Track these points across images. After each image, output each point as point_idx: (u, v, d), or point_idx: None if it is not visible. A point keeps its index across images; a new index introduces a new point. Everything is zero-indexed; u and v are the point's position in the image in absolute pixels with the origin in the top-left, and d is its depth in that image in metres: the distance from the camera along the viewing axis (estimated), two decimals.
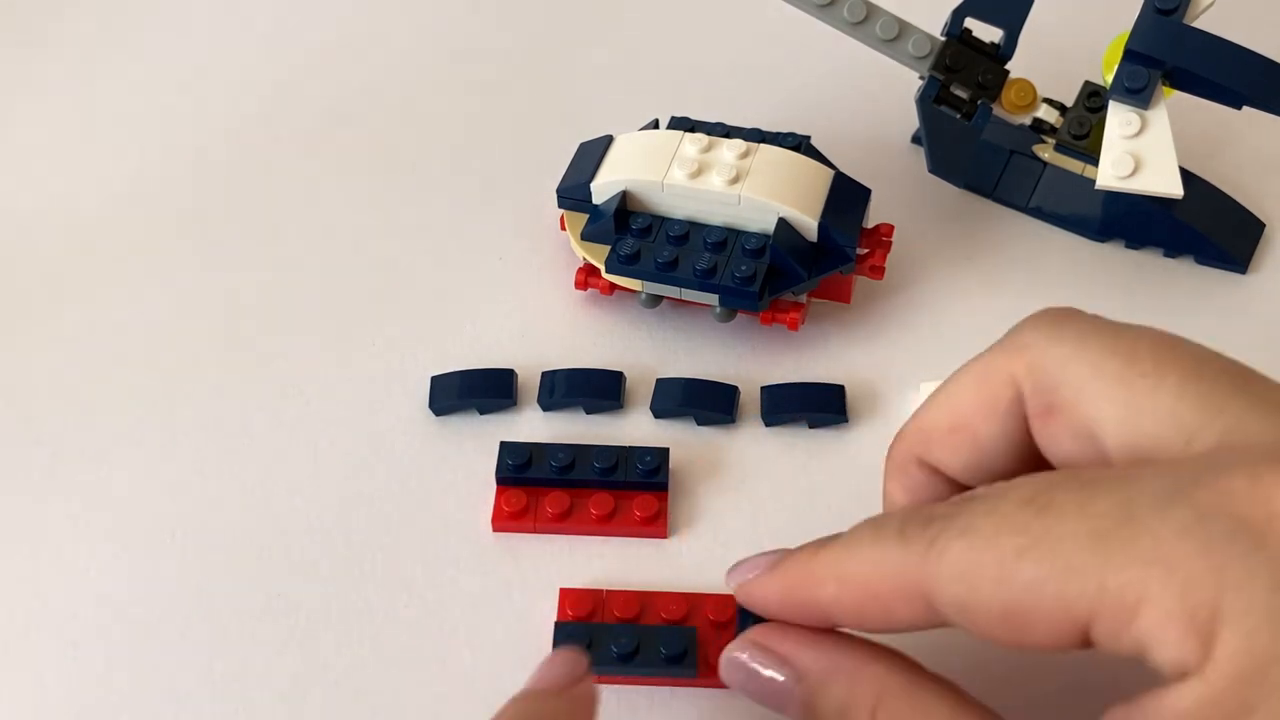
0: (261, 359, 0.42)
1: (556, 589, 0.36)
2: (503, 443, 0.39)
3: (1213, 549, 0.22)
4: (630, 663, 0.33)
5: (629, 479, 0.38)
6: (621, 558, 0.37)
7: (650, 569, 0.37)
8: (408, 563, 0.37)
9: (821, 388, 0.41)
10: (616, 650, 0.33)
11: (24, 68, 0.54)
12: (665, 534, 0.38)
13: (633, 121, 0.46)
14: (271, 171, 0.49)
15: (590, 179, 0.42)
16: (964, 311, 0.44)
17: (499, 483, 0.38)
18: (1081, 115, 0.44)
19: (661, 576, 0.37)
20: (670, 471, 0.38)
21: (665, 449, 0.38)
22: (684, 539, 0.38)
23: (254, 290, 0.45)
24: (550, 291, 0.44)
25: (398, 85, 0.53)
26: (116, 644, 0.35)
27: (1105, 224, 0.46)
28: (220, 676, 0.35)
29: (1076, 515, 0.24)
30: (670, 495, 0.38)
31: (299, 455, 0.40)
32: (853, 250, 0.41)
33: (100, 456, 0.40)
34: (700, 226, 0.41)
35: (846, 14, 0.42)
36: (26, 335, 0.43)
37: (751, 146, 0.42)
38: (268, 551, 0.37)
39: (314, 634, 0.35)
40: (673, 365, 0.42)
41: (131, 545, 0.37)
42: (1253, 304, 0.44)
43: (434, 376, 0.41)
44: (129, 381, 0.42)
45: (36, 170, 0.50)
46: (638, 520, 0.37)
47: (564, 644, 0.33)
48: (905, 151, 0.49)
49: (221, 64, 0.54)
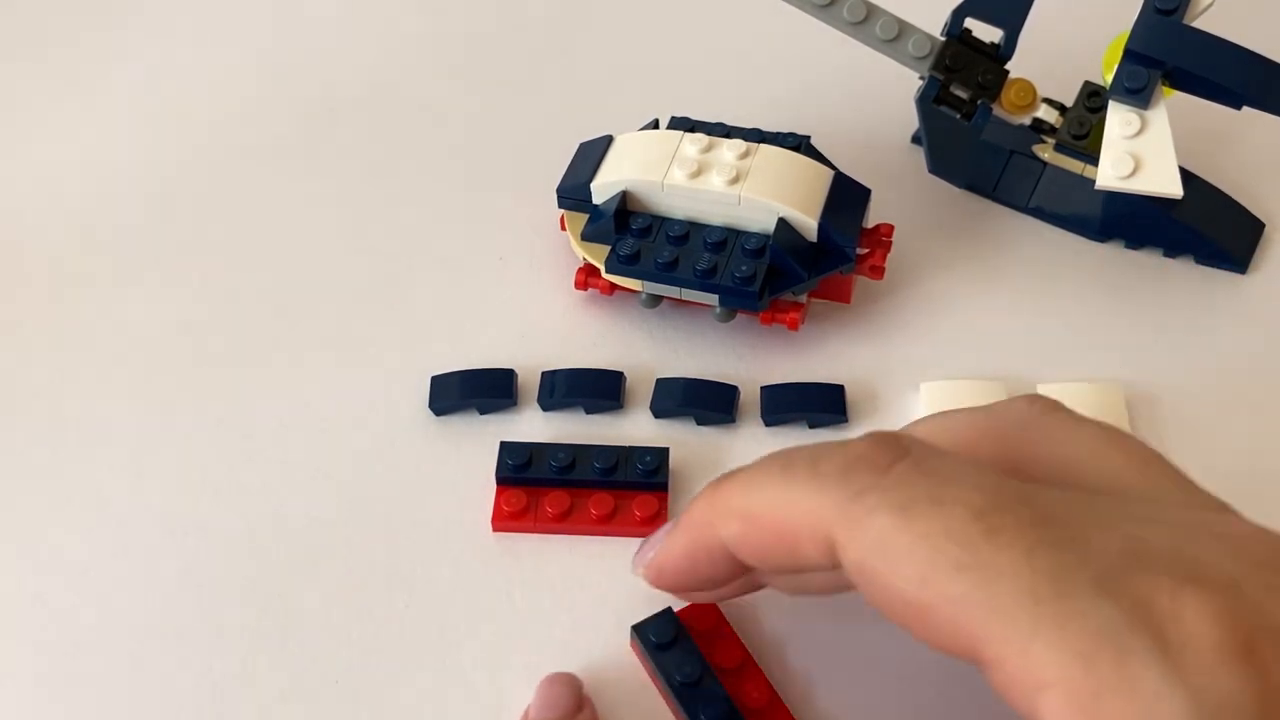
0: (261, 359, 0.42)
1: (555, 588, 0.36)
2: (503, 443, 0.39)
3: (1129, 662, 0.22)
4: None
5: (629, 479, 0.38)
6: (624, 558, 0.37)
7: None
8: (408, 563, 0.37)
9: (821, 388, 0.41)
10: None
11: (24, 67, 0.54)
12: None
13: (633, 121, 0.46)
14: (271, 172, 0.49)
15: (590, 179, 0.42)
16: (964, 311, 0.44)
17: (499, 483, 0.38)
18: (1081, 115, 0.44)
19: None
20: (670, 471, 0.38)
21: (665, 449, 0.38)
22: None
23: (254, 290, 0.45)
24: (550, 291, 0.44)
25: (398, 85, 0.53)
26: (116, 644, 0.35)
27: (1105, 224, 0.46)
28: (220, 676, 0.35)
29: (1023, 559, 0.24)
30: (670, 495, 0.38)
31: (299, 455, 0.40)
32: (853, 250, 0.41)
33: (100, 456, 0.40)
34: (700, 226, 0.41)
35: (846, 14, 0.42)
36: (26, 335, 0.43)
37: (751, 146, 0.42)
38: (268, 551, 0.37)
39: (314, 634, 0.35)
40: (673, 365, 0.42)
41: (131, 545, 0.37)
42: (1253, 304, 0.44)
43: (434, 376, 0.41)
44: (129, 381, 0.42)
45: (36, 170, 0.50)
46: (638, 520, 0.37)
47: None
48: (905, 151, 0.49)
49: (222, 64, 0.54)
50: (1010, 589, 0.23)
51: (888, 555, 0.25)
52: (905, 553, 0.25)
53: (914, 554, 0.24)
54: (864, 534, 0.25)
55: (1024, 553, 0.24)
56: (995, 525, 0.24)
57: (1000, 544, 0.24)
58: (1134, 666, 0.22)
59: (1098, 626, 0.23)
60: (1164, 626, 0.23)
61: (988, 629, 0.23)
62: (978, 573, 0.24)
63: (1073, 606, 0.23)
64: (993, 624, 0.23)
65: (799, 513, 0.26)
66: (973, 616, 0.24)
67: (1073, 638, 0.23)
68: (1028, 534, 0.24)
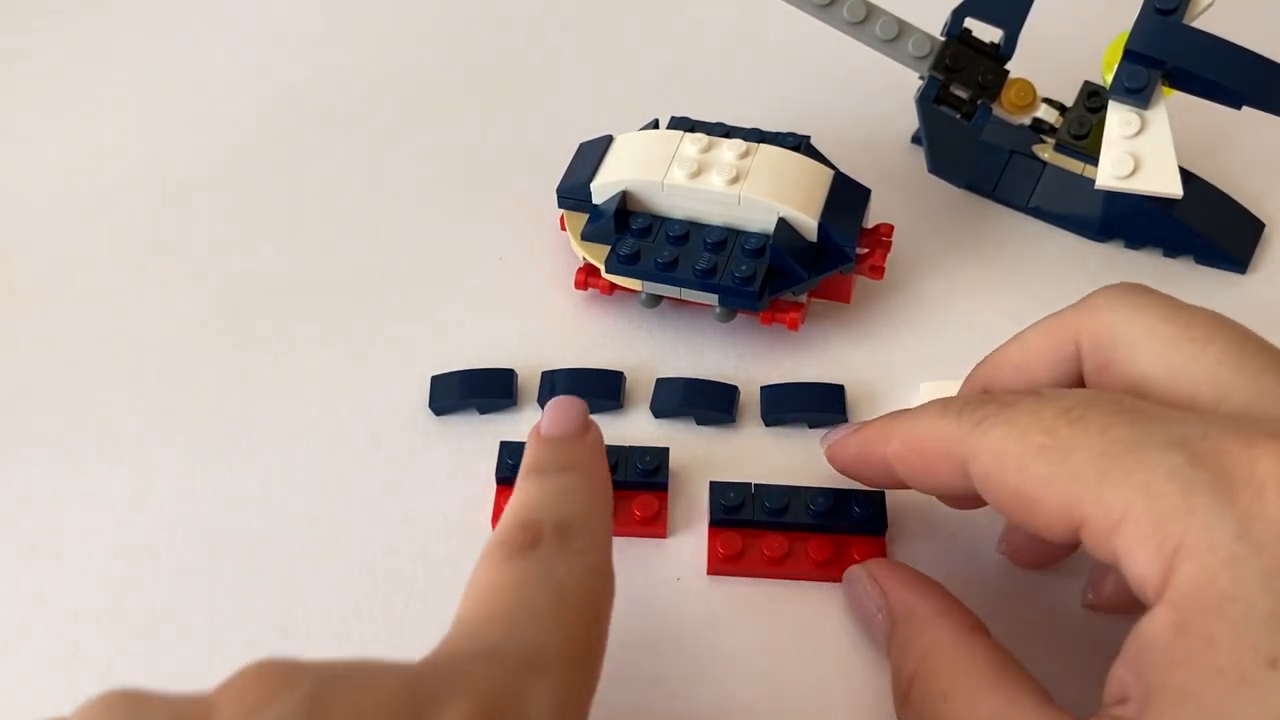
0: (261, 359, 0.42)
1: None
2: (503, 442, 0.39)
3: (1192, 493, 0.25)
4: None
5: (629, 479, 0.38)
6: (621, 558, 0.37)
7: (652, 568, 0.37)
8: (408, 562, 0.37)
9: (821, 388, 0.41)
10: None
11: (25, 66, 0.54)
12: (665, 534, 0.38)
13: (633, 121, 0.46)
14: (270, 172, 0.49)
15: (590, 179, 0.42)
16: (964, 311, 0.44)
17: (499, 483, 0.38)
18: (1081, 115, 0.44)
19: (661, 576, 0.37)
20: (670, 471, 0.38)
21: (665, 449, 0.38)
22: (684, 539, 0.38)
23: (254, 290, 0.45)
24: (550, 291, 0.44)
25: (398, 85, 0.53)
26: (116, 644, 0.35)
27: (1105, 224, 0.46)
28: (220, 676, 0.34)
29: (1097, 434, 0.27)
30: (670, 495, 0.38)
31: (299, 455, 0.40)
32: (853, 250, 0.41)
33: (100, 456, 0.40)
34: (700, 226, 0.41)
35: (846, 14, 0.42)
36: (26, 334, 0.43)
37: (751, 146, 0.42)
38: (268, 551, 0.37)
39: (314, 634, 0.35)
40: (673, 365, 0.42)
41: (131, 545, 0.37)
42: (1252, 304, 0.44)
43: (434, 376, 0.41)
44: (128, 382, 0.42)
45: (36, 167, 0.50)
46: (637, 520, 0.37)
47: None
48: (905, 151, 0.49)
49: (221, 64, 0.54)
50: (1085, 457, 0.27)
51: (998, 459, 0.29)
52: (1005, 453, 0.28)
53: (1011, 450, 0.28)
54: (984, 449, 0.29)
55: (1099, 430, 0.27)
56: (1079, 416, 0.28)
57: (1079, 427, 0.27)
58: (1194, 496, 0.25)
59: (1165, 469, 0.26)
60: (1231, 469, 0.25)
61: (1069, 495, 0.27)
62: (1057, 451, 0.27)
63: (1141, 457, 0.26)
64: (1072, 489, 0.27)
65: (938, 438, 0.31)
66: (1060, 489, 0.27)
67: (1138, 477, 0.26)
68: (1106, 418, 0.27)
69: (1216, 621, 0.24)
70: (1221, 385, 0.29)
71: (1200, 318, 0.30)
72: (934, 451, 0.31)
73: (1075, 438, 0.27)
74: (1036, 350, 0.33)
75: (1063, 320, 0.33)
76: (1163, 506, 0.25)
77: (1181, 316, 0.30)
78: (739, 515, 0.37)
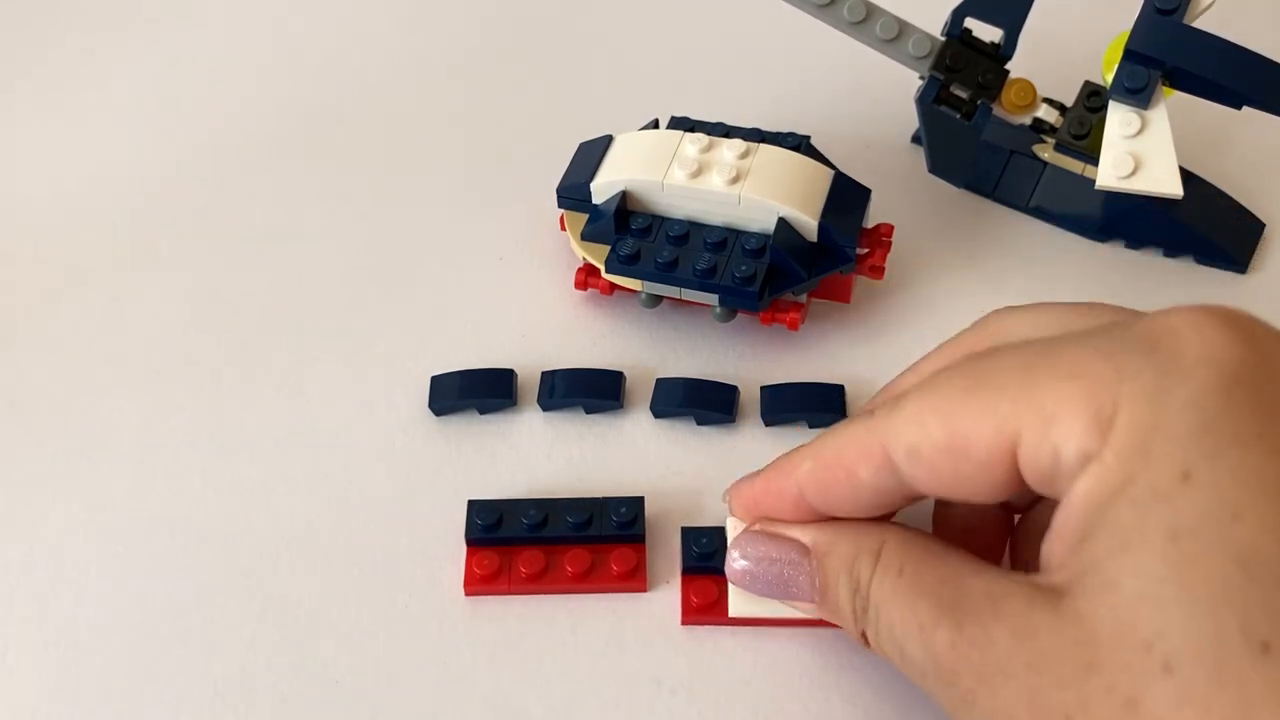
0: (262, 359, 0.42)
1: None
2: (470, 501, 0.37)
3: (1115, 356, 0.26)
4: None
5: (604, 533, 0.36)
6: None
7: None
8: (408, 562, 0.37)
9: (821, 388, 0.41)
10: None
11: (25, 66, 0.54)
12: (645, 588, 0.36)
13: (633, 121, 0.46)
14: (270, 172, 0.49)
15: (590, 179, 0.42)
16: (964, 311, 0.43)
17: (469, 544, 0.37)
18: (1081, 115, 0.44)
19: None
20: (646, 522, 0.37)
21: (640, 498, 0.37)
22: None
23: (254, 291, 0.45)
24: (550, 291, 0.44)
25: (398, 86, 0.53)
26: (116, 644, 0.35)
27: (1105, 224, 0.46)
28: (220, 676, 0.35)
29: (1012, 355, 0.28)
30: (648, 546, 0.37)
31: (299, 455, 0.40)
32: (853, 250, 0.41)
33: (100, 456, 0.40)
34: (700, 226, 0.41)
35: (846, 14, 0.42)
36: (27, 335, 0.43)
37: (751, 146, 0.42)
38: (268, 552, 0.37)
39: (314, 634, 0.35)
40: (673, 365, 0.42)
41: (132, 545, 0.37)
42: (1252, 304, 0.43)
43: (434, 376, 0.41)
44: (129, 381, 0.42)
45: (37, 170, 0.50)
46: (615, 575, 0.36)
47: None
48: (905, 151, 0.49)
49: (221, 64, 0.54)
50: (1008, 375, 0.27)
51: (920, 421, 0.28)
52: (926, 410, 0.28)
53: (934, 405, 0.28)
54: (904, 420, 0.29)
55: (1013, 352, 0.28)
56: (989, 353, 0.28)
57: (992, 358, 0.28)
58: (1121, 360, 0.26)
59: (1088, 351, 0.26)
60: (1147, 328, 0.26)
61: (1000, 414, 0.27)
62: (978, 382, 0.28)
63: (1062, 353, 0.27)
64: (1003, 406, 0.27)
65: (853, 441, 0.30)
66: (990, 414, 0.27)
67: (1064, 366, 0.26)
68: (1016, 347, 0.28)
69: (1142, 459, 0.25)
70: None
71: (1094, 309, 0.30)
72: (851, 455, 0.30)
73: (991, 367, 0.28)
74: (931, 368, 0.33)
75: (958, 340, 0.33)
76: (1092, 376, 0.26)
77: (1071, 311, 0.31)
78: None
